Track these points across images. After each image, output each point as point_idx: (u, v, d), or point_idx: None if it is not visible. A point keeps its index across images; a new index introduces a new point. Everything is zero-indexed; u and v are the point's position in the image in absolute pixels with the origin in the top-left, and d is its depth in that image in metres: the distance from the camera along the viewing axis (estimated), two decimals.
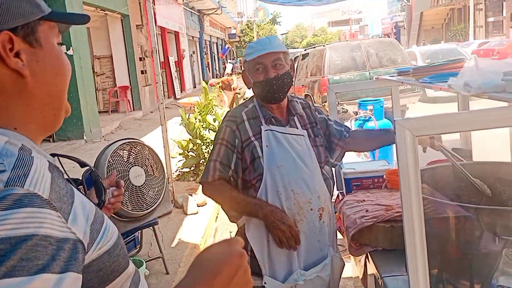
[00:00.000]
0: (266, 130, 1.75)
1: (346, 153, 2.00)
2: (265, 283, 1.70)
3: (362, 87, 3.75)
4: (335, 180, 2.16)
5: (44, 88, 0.74)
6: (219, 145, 1.77)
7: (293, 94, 2.03)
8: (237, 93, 10.46)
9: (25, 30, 0.71)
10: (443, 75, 1.68)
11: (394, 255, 1.71)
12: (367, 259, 1.91)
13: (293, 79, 1.91)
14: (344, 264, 1.92)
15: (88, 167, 1.05)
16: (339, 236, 2.53)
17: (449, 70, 1.76)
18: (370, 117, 4.35)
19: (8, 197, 0.57)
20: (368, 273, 1.96)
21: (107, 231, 0.73)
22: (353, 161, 3.01)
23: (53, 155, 0.82)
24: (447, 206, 1.56)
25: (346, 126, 2.01)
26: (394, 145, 1.22)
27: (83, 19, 0.82)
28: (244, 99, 9.21)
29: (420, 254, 1.22)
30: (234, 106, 8.61)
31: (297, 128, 1.81)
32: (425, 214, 1.52)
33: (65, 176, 0.80)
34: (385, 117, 4.58)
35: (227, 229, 4.41)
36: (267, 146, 1.73)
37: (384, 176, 2.30)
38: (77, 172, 1.04)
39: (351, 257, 2.34)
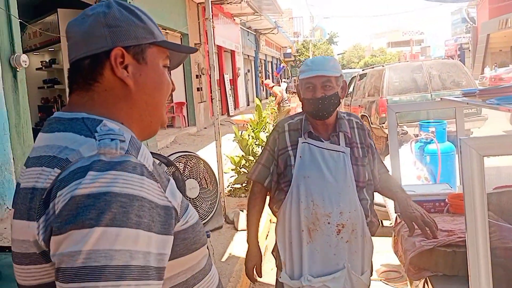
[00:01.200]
0: (303, 142, 1.90)
1: (405, 175, 1.98)
2: (280, 277, 1.91)
3: (423, 107, 3.62)
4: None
5: (144, 98, 0.90)
6: (264, 150, 2.02)
7: (350, 113, 2.08)
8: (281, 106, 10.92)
9: (136, 49, 0.88)
10: None
11: (455, 281, 1.63)
12: (426, 284, 1.82)
13: (350, 99, 1.98)
14: None
15: (173, 167, 1.20)
16: (396, 261, 2.42)
17: None
18: (432, 140, 4.18)
19: (128, 162, 0.72)
20: None
21: (191, 211, 0.87)
22: (413, 184, 2.91)
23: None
24: None
25: (385, 166, 2.12)
26: (458, 167, 1.16)
27: (188, 49, 1.00)
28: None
29: (485, 282, 1.15)
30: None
31: (339, 145, 1.89)
32: (491, 242, 1.44)
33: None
34: (447, 140, 4.39)
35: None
36: (300, 157, 1.88)
37: (447, 200, 2.19)
38: None
39: (408, 282, 2.23)
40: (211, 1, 5.25)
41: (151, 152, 0.96)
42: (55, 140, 0.79)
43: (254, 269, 2.04)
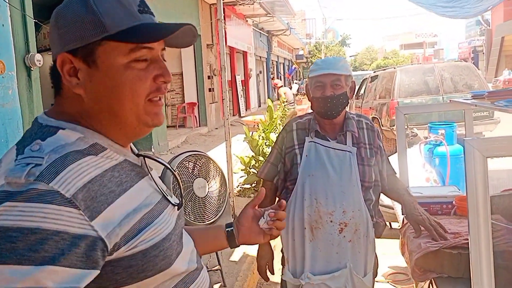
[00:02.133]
0: (310, 141, 1.92)
1: (414, 177, 1.98)
2: (282, 274, 1.96)
3: (432, 109, 3.60)
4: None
5: (97, 105, 0.78)
6: (273, 149, 2.06)
7: (360, 114, 2.08)
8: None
9: (84, 51, 0.76)
10: None
11: (460, 283, 1.62)
12: (431, 286, 1.82)
13: (361, 101, 1.98)
14: None
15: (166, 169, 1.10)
16: (403, 264, 2.41)
17: None
18: (441, 142, 4.16)
19: (32, 190, 0.64)
20: None
21: (148, 232, 0.76)
22: (422, 186, 2.89)
23: (138, 155, 0.88)
24: None
25: (393, 169, 2.11)
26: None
27: (160, 34, 0.78)
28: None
29: (487, 284, 1.15)
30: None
31: (345, 144, 1.89)
32: (497, 245, 1.44)
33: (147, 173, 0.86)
34: (457, 143, 4.35)
35: None
36: (306, 155, 1.90)
37: (454, 202, 2.19)
38: None
39: (413, 284, 2.23)
40: (224, 2, 5.29)
41: (147, 155, 0.88)
42: (8, 151, 0.74)
43: (266, 267, 2.05)
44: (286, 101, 11.99)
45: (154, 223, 0.78)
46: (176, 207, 0.91)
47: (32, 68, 4.83)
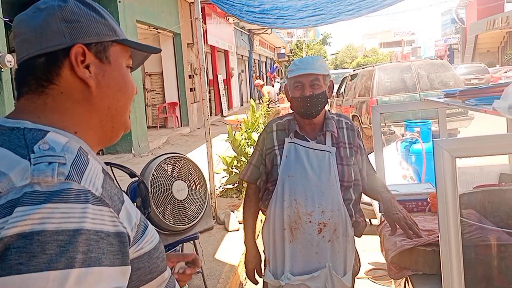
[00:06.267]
0: (290, 142, 1.92)
1: (391, 174, 2.00)
2: (263, 275, 2.00)
3: (407, 108, 3.67)
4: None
5: (106, 101, 0.82)
6: (255, 150, 2.05)
7: (340, 113, 2.09)
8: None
9: (98, 47, 0.80)
10: (490, 97, 1.63)
11: (434, 280, 1.65)
12: (407, 283, 1.85)
13: (342, 100, 1.98)
14: None
15: (136, 178, 1.09)
16: (382, 260, 2.44)
17: (496, 93, 1.70)
18: (417, 139, 4.24)
19: (67, 190, 0.63)
20: None
21: (149, 234, 0.80)
22: (397, 183, 2.94)
23: (106, 163, 0.89)
24: (493, 232, 1.50)
25: (373, 168, 2.12)
26: None
27: (153, 49, 0.91)
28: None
29: (457, 281, 1.17)
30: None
31: (325, 144, 1.90)
32: (470, 240, 1.47)
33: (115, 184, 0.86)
34: (433, 140, 4.44)
35: None
36: (286, 156, 1.91)
37: (428, 199, 2.23)
38: (124, 184, 1.06)
39: (392, 281, 2.27)
40: (202, 1, 5.25)
41: (115, 164, 0.93)
42: None
43: (255, 271, 2.07)
44: (270, 100, 12.03)
45: (149, 225, 0.81)
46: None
47: (2, 69, 4.71)
